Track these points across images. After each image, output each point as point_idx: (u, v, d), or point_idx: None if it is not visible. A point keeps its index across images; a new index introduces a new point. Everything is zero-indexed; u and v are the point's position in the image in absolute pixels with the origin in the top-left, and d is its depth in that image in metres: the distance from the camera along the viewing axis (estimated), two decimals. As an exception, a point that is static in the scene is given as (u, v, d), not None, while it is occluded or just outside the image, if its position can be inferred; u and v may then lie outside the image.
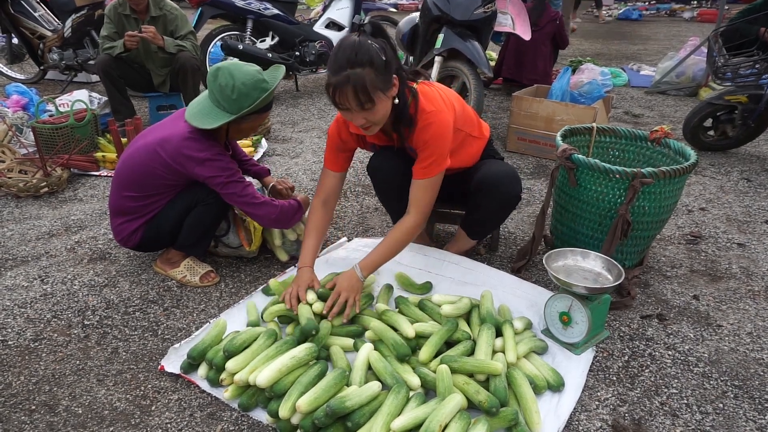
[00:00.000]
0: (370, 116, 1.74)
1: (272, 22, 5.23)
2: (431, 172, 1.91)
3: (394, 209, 2.33)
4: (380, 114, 1.76)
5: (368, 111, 1.72)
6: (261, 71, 2.09)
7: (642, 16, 13.96)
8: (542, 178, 3.52)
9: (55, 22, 5.34)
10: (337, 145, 2.10)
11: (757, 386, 1.75)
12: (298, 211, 2.28)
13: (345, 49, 1.68)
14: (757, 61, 3.62)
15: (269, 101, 2.14)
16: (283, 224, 2.26)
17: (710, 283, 2.34)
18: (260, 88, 2.04)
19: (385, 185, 2.23)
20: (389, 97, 1.77)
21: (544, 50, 5.28)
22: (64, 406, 1.67)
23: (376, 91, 1.68)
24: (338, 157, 2.13)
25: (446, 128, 1.89)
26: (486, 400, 1.52)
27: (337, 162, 2.13)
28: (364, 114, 1.73)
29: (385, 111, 1.78)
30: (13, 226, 2.80)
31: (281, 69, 2.21)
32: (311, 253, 2.08)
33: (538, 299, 2.08)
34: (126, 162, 2.16)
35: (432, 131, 1.87)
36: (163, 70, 4.09)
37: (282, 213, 2.21)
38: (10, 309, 2.12)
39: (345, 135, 2.07)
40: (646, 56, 8.23)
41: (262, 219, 2.20)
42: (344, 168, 2.16)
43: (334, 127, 2.09)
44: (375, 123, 1.79)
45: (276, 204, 2.20)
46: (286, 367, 1.60)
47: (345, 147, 2.11)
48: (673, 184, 2.11)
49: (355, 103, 1.69)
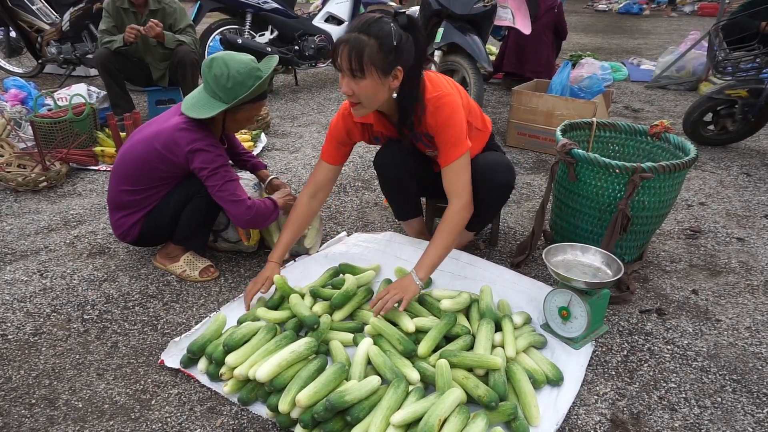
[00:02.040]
0: (357, 88, 1.72)
1: (271, 16, 5.21)
2: (454, 155, 1.88)
3: (398, 204, 2.33)
4: (368, 92, 1.73)
5: (357, 81, 1.70)
6: (255, 60, 2.10)
7: (642, 10, 13.91)
8: (542, 173, 3.52)
9: (53, 16, 5.31)
10: (340, 137, 2.08)
11: (755, 380, 1.75)
12: (273, 211, 2.22)
13: (365, 17, 1.72)
14: (758, 55, 3.61)
15: (264, 89, 2.14)
16: (257, 225, 2.19)
17: (709, 277, 2.34)
18: (255, 76, 2.05)
19: (390, 181, 2.22)
20: (385, 84, 1.73)
21: (545, 40, 5.22)
22: (64, 400, 1.67)
23: (370, 65, 1.67)
24: (338, 150, 2.12)
25: (457, 108, 1.88)
26: (485, 395, 1.52)
27: (336, 155, 2.12)
28: (353, 82, 1.71)
29: (375, 93, 1.74)
30: (12, 221, 2.80)
31: (275, 58, 2.22)
32: (281, 249, 2.11)
33: (537, 294, 2.08)
34: (124, 156, 2.15)
35: (444, 113, 1.86)
36: (162, 64, 4.08)
37: (257, 215, 2.14)
38: (10, 303, 2.13)
39: (350, 125, 2.05)
40: (646, 50, 8.21)
41: (236, 218, 2.13)
42: (341, 162, 2.15)
43: (338, 118, 2.07)
44: (361, 101, 1.77)
45: (252, 206, 2.13)
46: (286, 362, 1.61)
47: (348, 139, 2.10)
48: (672, 179, 2.11)
49: (347, 65, 1.68)
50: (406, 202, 2.30)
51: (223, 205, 2.13)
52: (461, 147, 1.88)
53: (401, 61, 1.72)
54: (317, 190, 2.15)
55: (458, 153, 1.88)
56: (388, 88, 1.76)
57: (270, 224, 2.26)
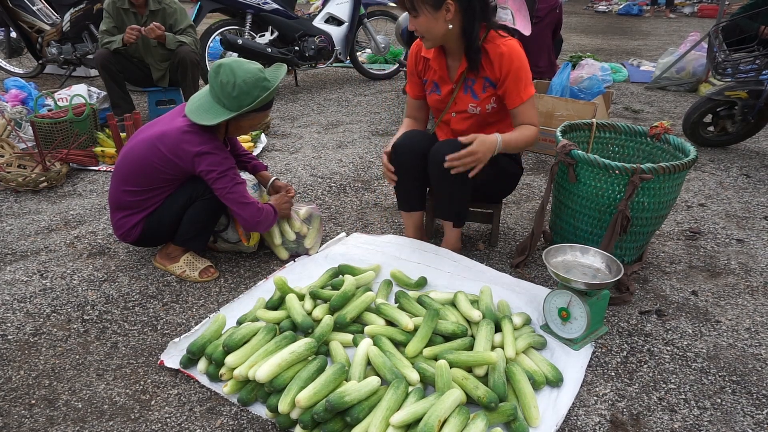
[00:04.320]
0: (417, 24, 1.99)
1: (272, 17, 5.21)
2: (526, 94, 2.09)
3: (404, 193, 2.33)
4: (425, 26, 1.97)
5: (415, 18, 1.97)
6: (263, 69, 2.08)
7: (642, 11, 13.91)
8: (542, 173, 3.52)
9: (53, 16, 5.31)
10: (413, 69, 2.31)
11: (754, 381, 1.76)
12: (274, 217, 2.27)
13: None
14: (758, 57, 3.61)
15: (270, 100, 2.13)
16: (262, 228, 2.24)
17: (709, 279, 2.34)
18: (261, 86, 2.04)
19: (404, 164, 2.22)
20: (439, 18, 1.94)
21: (547, 41, 5.23)
22: (64, 400, 1.67)
23: (420, 3, 1.92)
24: (415, 84, 2.34)
25: (522, 52, 2.07)
26: (485, 395, 1.52)
27: (414, 89, 2.37)
28: (413, 20, 1.99)
29: (431, 26, 1.97)
30: (12, 221, 2.80)
31: (283, 68, 2.21)
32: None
33: (537, 295, 2.08)
34: (126, 157, 2.15)
35: (512, 56, 2.04)
36: (162, 65, 4.08)
37: (265, 217, 2.20)
38: (10, 303, 2.13)
39: (419, 56, 2.27)
40: (646, 52, 8.21)
41: (245, 220, 2.18)
42: (421, 96, 2.36)
43: (411, 52, 2.30)
44: (423, 34, 2.02)
45: (261, 208, 2.18)
46: (286, 362, 1.61)
47: (419, 73, 2.31)
48: (672, 180, 2.11)
49: (403, 5, 1.96)
50: (413, 192, 2.32)
51: (233, 207, 2.14)
52: (531, 88, 2.11)
53: None
54: (414, 116, 2.43)
55: (528, 93, 2.10)
56: (444, 21, 1.96)
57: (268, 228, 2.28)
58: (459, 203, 2.25)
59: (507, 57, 2.03)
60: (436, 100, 2.27)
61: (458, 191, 2.17)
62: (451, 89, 2.20)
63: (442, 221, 2.38)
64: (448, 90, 2.21)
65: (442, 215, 2.33)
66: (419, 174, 2.20)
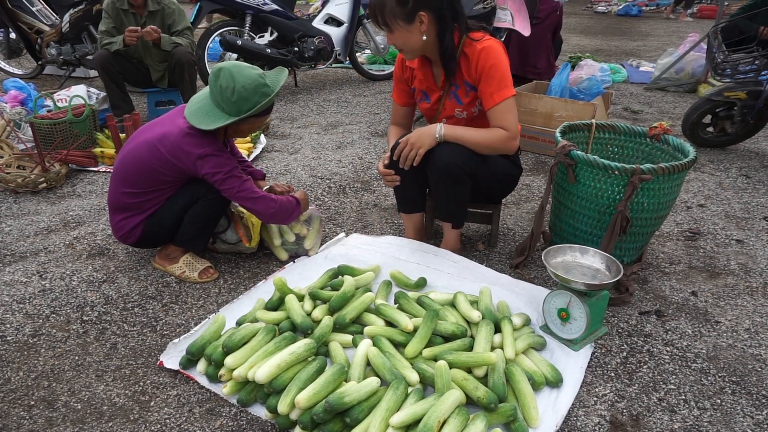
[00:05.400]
0: (393, 39, 1.99)
1: (271, 18, 5.21)
2: (502, 95, 2.00)
3: (404, 195, 2.33)
4: (401, 41, 1.98)
5: (390, 33, 1.97)
6: (263, 74, 2.07)
7: (642, 12, 13.93)
8: (541, 174, 3.52)
9: (53, 17, 5.31)
10: (399, 76, 2.30)
11: (754, 382, 1.76)
12: (296, 207, 2.28)
13: None
14: (757, 58, 3.61)
15: (270, 105, 2.13)
16: (282, 219, 2.25)
17: (708, 279, 2.34)
18: (261, 92, 2.03)
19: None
20: (413, 31, 1.93)
21: (546, 42, 5.23)
22: (63, 401, 1.67)
23: (392, 18, 1.91)
24: (402, 91, 2.34)
25: (502, 54, 2.01)
26: (484, 396, 1.52)
27: (401, 96, 2.35)
28: (389, 35, 1.99)
29: (406, 40, 1.97)
30: (12, 222, 2.79)
31: (284, 73, 2.20)
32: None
33: (536, 296, 2.08)
34: (125, 158, 2.15)
35: (485, 55, 1.99)
36: (161, 66, 4.08)
37: (281, 207, 2.21)
38: (9, 305, 2.12)
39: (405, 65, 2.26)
40: (645, 52, 8.22)
41: (261, 214, 2.20)
42: (408, 103, 2.36)
43: (397, 62, 2.29)
44: (401, 48, 2.02)
45: (275, 198, 2.20)
46: (285, 363, 1.61)
47: (406, 81, 2.30)
48: (671, 181, 2.11)
49: (377, 23, 1.97)
50: (413, 194, 2.32)
51: (247, 204, 2.16)
52: (507, 89, 2.01)
53: (423, 7, 1.90)
54: (399, 122, 2.42)
55: (505, 94, 2.00)
56: (419, 33, 1.94)
57: (291, 221, 2.32)
58: (458, 204, 2.24)
59: (483, 55, 2.00)
60: (426, 108, 2.28)
61: (457, 192, 2.16)
62: (439, 96, 2.20)
63: (441, 222, 2.38)
64: (436, 97, 2.21)
65: (441, 216, 2.33)
66: (418, 176, 2.21)
